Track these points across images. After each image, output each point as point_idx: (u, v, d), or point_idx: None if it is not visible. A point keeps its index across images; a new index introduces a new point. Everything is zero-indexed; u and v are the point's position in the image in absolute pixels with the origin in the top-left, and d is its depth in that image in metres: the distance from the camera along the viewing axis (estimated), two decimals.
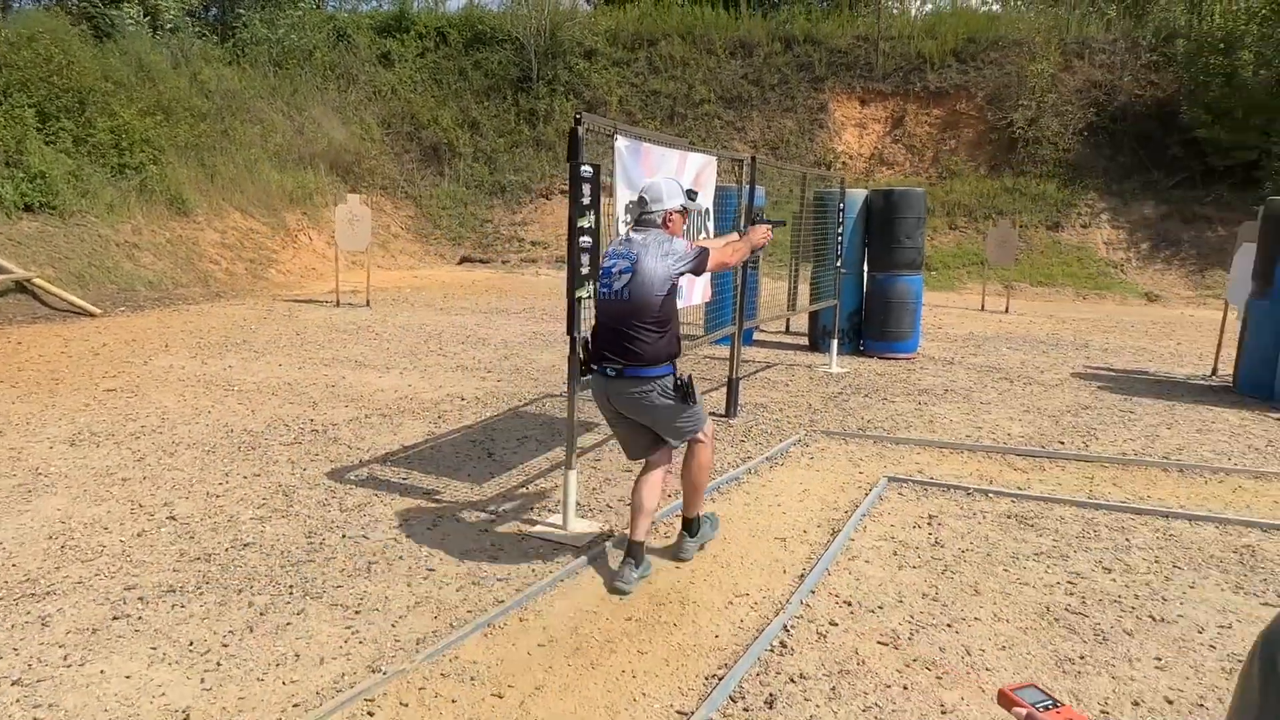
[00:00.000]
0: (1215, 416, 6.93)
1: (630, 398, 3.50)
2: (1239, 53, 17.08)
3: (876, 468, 5.27)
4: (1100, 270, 17.54)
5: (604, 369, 3.51)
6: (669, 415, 3.54)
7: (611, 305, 3.48)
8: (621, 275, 3.46)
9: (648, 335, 3.43)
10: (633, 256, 3.47)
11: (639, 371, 3.44)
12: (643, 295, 3.42)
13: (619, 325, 3.45)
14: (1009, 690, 1.17)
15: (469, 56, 22.99)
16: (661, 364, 3.48)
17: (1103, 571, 3.85)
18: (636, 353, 3.43)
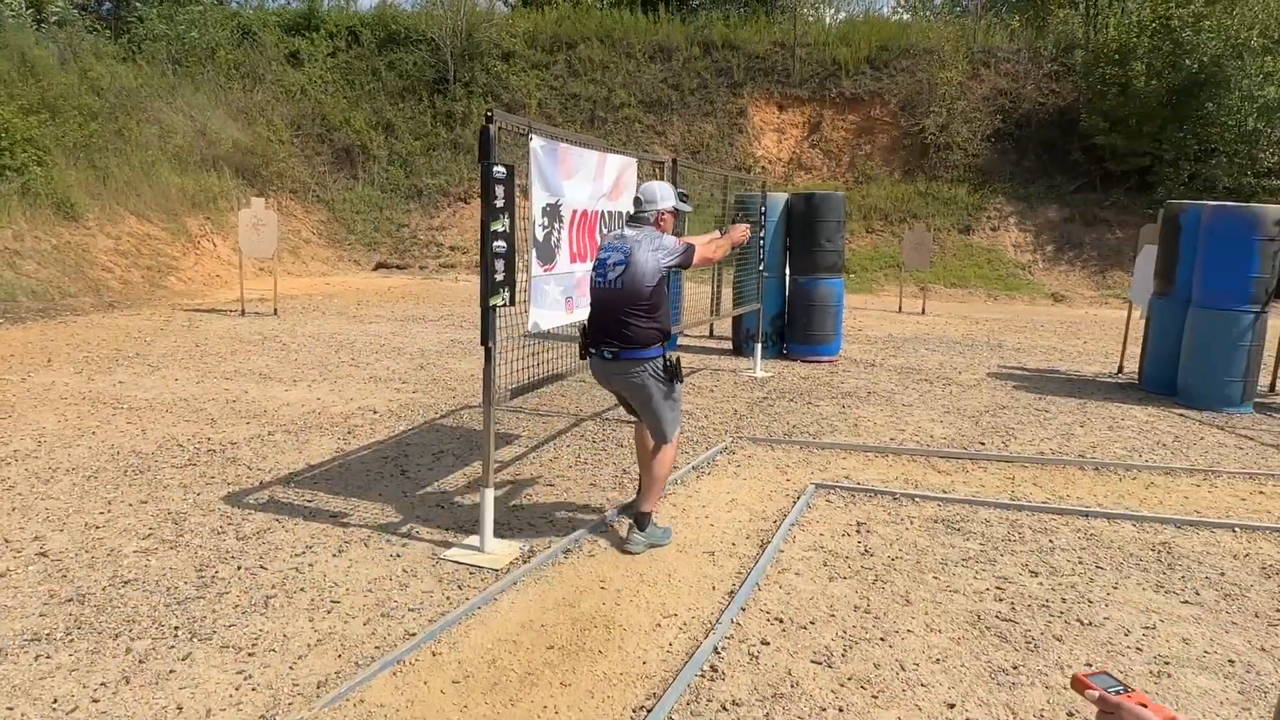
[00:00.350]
0: (1124, 413, 7.13)
1: (625, 379, 3.85)
2: (1132, 64, 17.88)
3: (803, 474, 5.19)
4: (1009, 271, 18.12)
5: (602, 352, 3.85)
6: (656, 403, 3.86)
7: (607, 293, 3.81)
8: (616, 267, 3.79)
9: (640, 321, 3.77)
10: (626, 250, 3.80)
11: (634, 354, 3.79)
12: (635, 285, 3.75)
13: (614, 312, 3.78)
14: (1082, 676, 1.23)
15: (382, 57, 22.35)
16: (653, 345, 3.82)
17: (1029, 575, 3.83)
18: (630, 336, 3.77)
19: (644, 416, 3.95)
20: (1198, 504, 4.91)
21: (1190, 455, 5.92)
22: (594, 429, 6.08)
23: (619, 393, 4.03)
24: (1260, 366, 7.41)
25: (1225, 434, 6.56)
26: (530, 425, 6.14)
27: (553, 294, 4.29)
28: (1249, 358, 7.20)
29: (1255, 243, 7.06)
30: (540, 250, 4.10)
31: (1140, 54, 17.92)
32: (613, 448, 5.61)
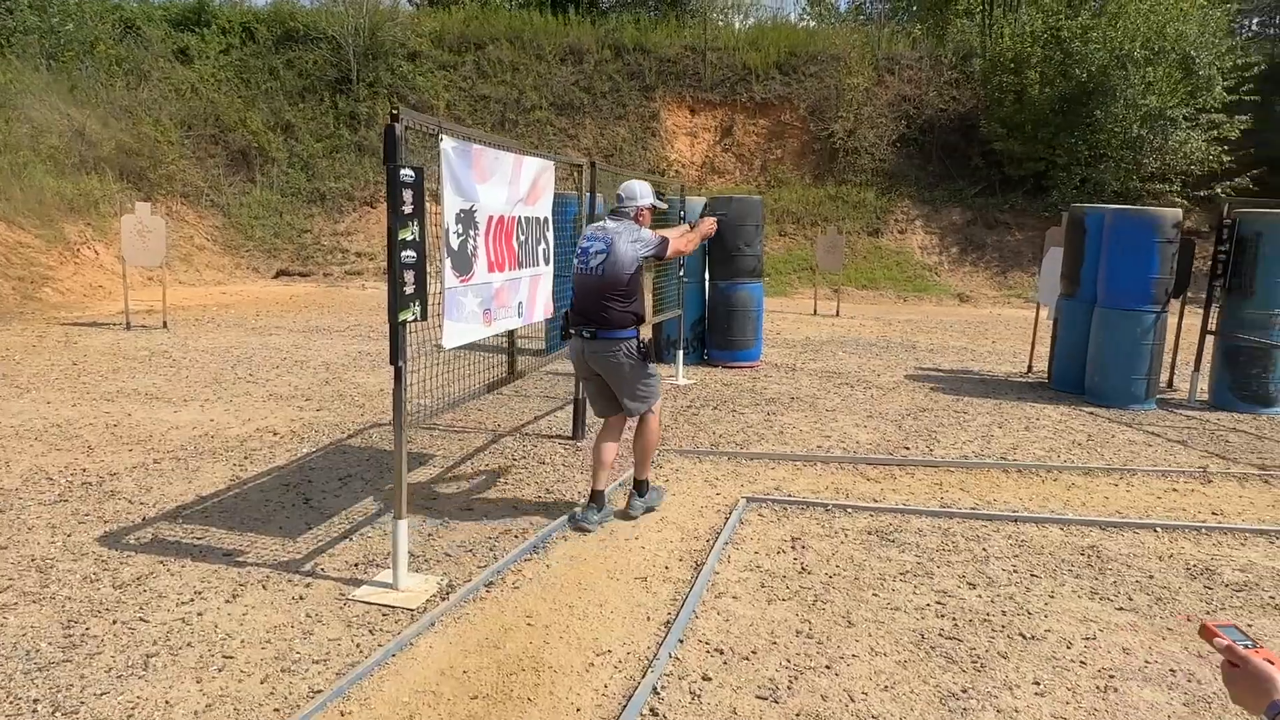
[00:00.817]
0: (1038, 413, 7.26)
1: (602, 357, 4.20)
2: (1026, 72, 18.61)
3: (733, 487, 5.03)
4: (917, 273, 18.58)
5: (581, 332, 4.22)
6: (631, 379, 4.22)
7: (588, 280, 4.19)
8: (597, 255, 4.18)
9: (617, 304, 4.14)
10: (608, 240, 4.19)
11: (611, 334, 4.15)
12: (614, 272, 4.14)
13: (594, 296, 4.16)
14: (1211, 625, 1.30)
15: (280, 55, 21.38)
16: (628, 328, 4.18)
17: (968, 587, 3.76)
18: (607, 319, 4.14)
19: (619, 393, 4.29)
20: (1118, 504, 4.97)
21: (1105, 454, 6.04)
22: (514, 446, 5.79)
23: (595, 373, 4.31)
24: (1161, 364, 7.66)
25: (1134, 431, 6.73)
26: (445, 444, 5.80)
27: (469, 306, 4.00)
28: (1152, 356, 7.44)
29: (1155, 245, 7.30)
30: (455, 260, 3.80)
31: (1034, 63, 18.66)
32: (534, 465, 5.34)
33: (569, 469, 5.28)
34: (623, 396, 4.29)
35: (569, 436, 5.96)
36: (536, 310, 4.93)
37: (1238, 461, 5.95)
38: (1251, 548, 4.34)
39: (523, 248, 4.60)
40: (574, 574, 3.76)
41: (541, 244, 4.97)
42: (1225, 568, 4.06)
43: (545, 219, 5.01)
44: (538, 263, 4.88)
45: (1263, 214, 7.45)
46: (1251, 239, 7.41)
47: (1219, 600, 3.70)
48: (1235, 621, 1.54)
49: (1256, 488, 5.37)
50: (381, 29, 21.21)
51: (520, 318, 4.66)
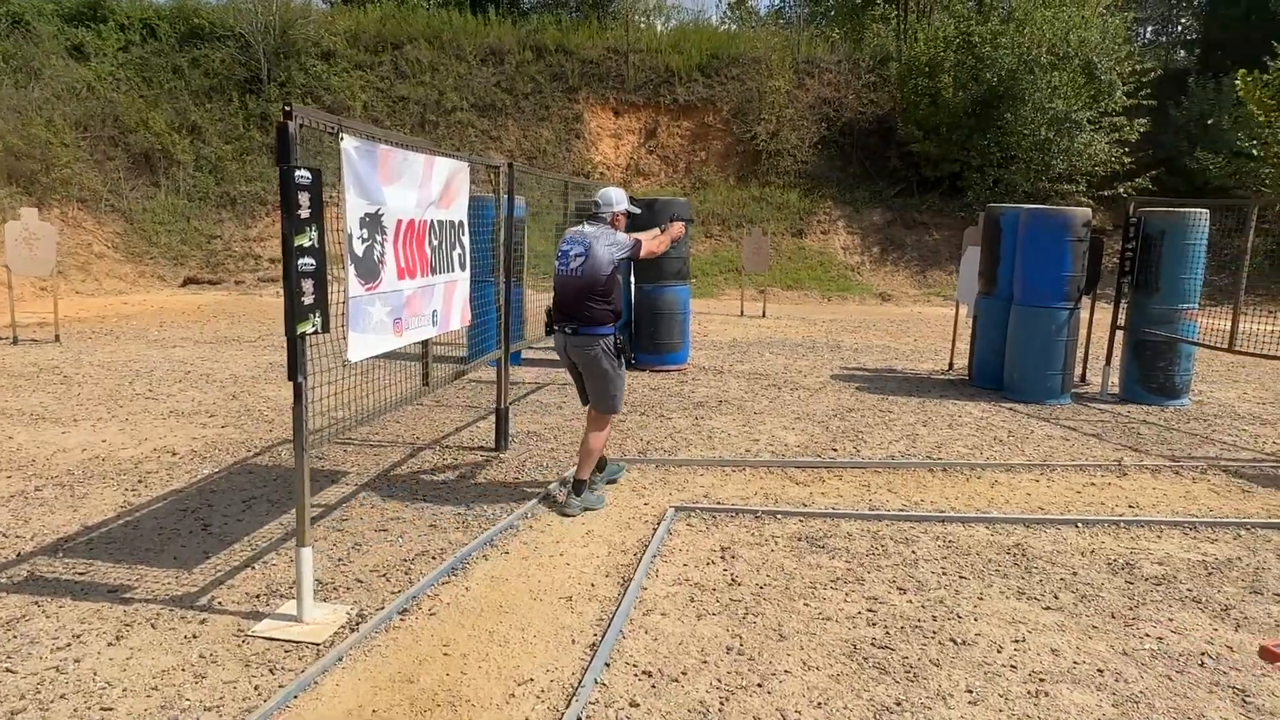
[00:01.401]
0: (960, 410, 7.36)
1: (580, 351, 4.48)
2: (940, 76, 19.09)
3: (662, 496, 4.91)
4: (840, 273, 18.86)
5: (563, 328, 4.50)
6: (603, 379, 4.50)
7: (568, 280, 4.44)
8: (576, 258, 4.43)
9: (595, 303, 4.40)
10: (586, 243, 4.44)
11: (590, 330, 4.42)
12: (593, 273, 4.39)
13: (574, 295, 4.41)
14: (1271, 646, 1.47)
15: (184, 53, 20.45)
16: (605, 324, 4.45)
17: (898, 592, 3.71)
18: (587, 316, 4.40)
19: (592, 388, 4.56)
20: (1040, 500, 5.03)
21: (1025, 450, 6.13)
22: (434, 459, 5.54)
23: (575, 365, 4.58)
24: (1075, 359, 7.86)
25: (1051, 426, 6.87)
26: (360, 459, 5.52)
27: (378, 316, 3.77)
28: (1066, 351, 7.63)
29: (1067, 243, 7.48)
30: (360, 266, 3.57)
31: (947, 67, 19.15)
32: (454, 480, 5.11)
33: (490, 482, 5.07)
34: (592, 395, 4.58)
35: (491, 448, 5.75)
36: (453, 318, 4.71)
37: (1149, 454, 6.12)
38: (1168, 540, 4.42)
39: (436, 253, 4.39)
40: (495, 596, 3.57)
41: (457, 249, 4.76)
42: (1144, 561, 4.12)
43: (460, 223, 4.80)
44: (453, 268, 4.67)
45: (1166, 213, 7.71)
46: (1156, 237, 7.67)
47: (1140, 595, 3.74)
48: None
49: (1168, 479, 5.52)
50: (293, 27, 20.50)
51: (435, 326, 4.45)
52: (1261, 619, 3.53)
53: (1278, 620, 3.52)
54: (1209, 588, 3.83)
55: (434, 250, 4.36)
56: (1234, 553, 4.26)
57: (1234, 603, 3.68)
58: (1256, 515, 4.83)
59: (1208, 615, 3.56)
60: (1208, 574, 3.99)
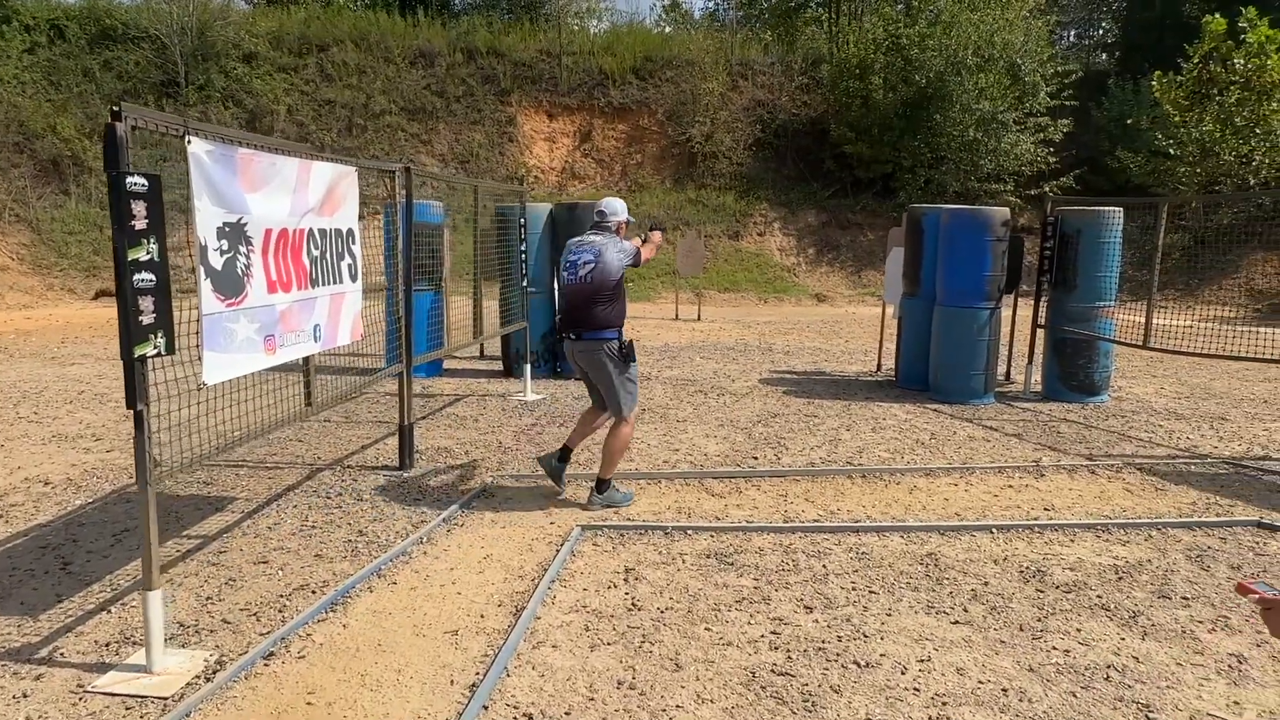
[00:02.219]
0: (885, 413, 7.30)
1: (587, 355, 4.61)
2: (871, 78, 19.27)
3: (570, 514, 4.70)
4: (776, 275, 18.89)
5: (569, 334, 4.63)
6: (614, 380, 4.61)
7: (579, 288, 4.57)
8: (586, 265, 4.55)
9: (601, 308, 4.54)
10: (596, 251, 4.58)
11: (596, 335, 4.56)
12: (602, 279, 4.54)
13: (583, 302, 4.55)
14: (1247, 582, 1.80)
15: (95, 55, 19.63)
16: (610, 328, 4.59)
17: (804, 611, 3.55)
18: (592, 321, 4.55)
19: (604, 393, 4.68)
20: (957, 505, 4.94)
21: (946, 452, 6.07)
22: (332, 481, 5.24)
23: (585, 370, 4.71)
24: (998, 358, 7.88)
25: (974, 427, 6.84)
26: (251, 483, 5.19)
27: (243, 333, 3.48)
28: (988, 351, 7.63)
29: (987, 243, 7.48)
30: (219, 281, 3.29)
31: (877, 69, 19.33)
32: (350, 503, 4.82)
33: (389, 504, 4.80)
34: (607, 398, 4.68)
35: (395, 467, 5.47)
36: (340, 333, 4.43)
37: (1068, 453, 6.11)
38: (1080, 544, 4.36)
39: (317, 264, 4.11)
40: (374, 633, 3.31)
41: (345, 259, 4.48)
42: (1056, 567, 4.04)
43: (350, 231, 4.52)
44: (340, 280, 4.39)
45: (1082, 211, 7.78)
46: (1073, 235, 7.72)
47: (1050, 604, 3.64)
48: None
49: (1085, 479, 5.49)
50: (211, 29, 19.80)
51: (318, 342, 4.17)
52: (1168, 625, 3.46)
53: (1184, 626, 3.45)
54: (1118, 593, 3.76)
55: (315, 261, 4.08)
56: (1145, 555, 4.21)
57: (1142, 609, 3.61)
58: (1168, 514, 4.82)
59: (1116, 624, 3.48)
60: (1118, 579, 3.92)
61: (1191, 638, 3.36)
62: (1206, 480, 5.49)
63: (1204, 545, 4.35)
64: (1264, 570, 4.04)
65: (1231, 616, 3.55)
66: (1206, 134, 17.37)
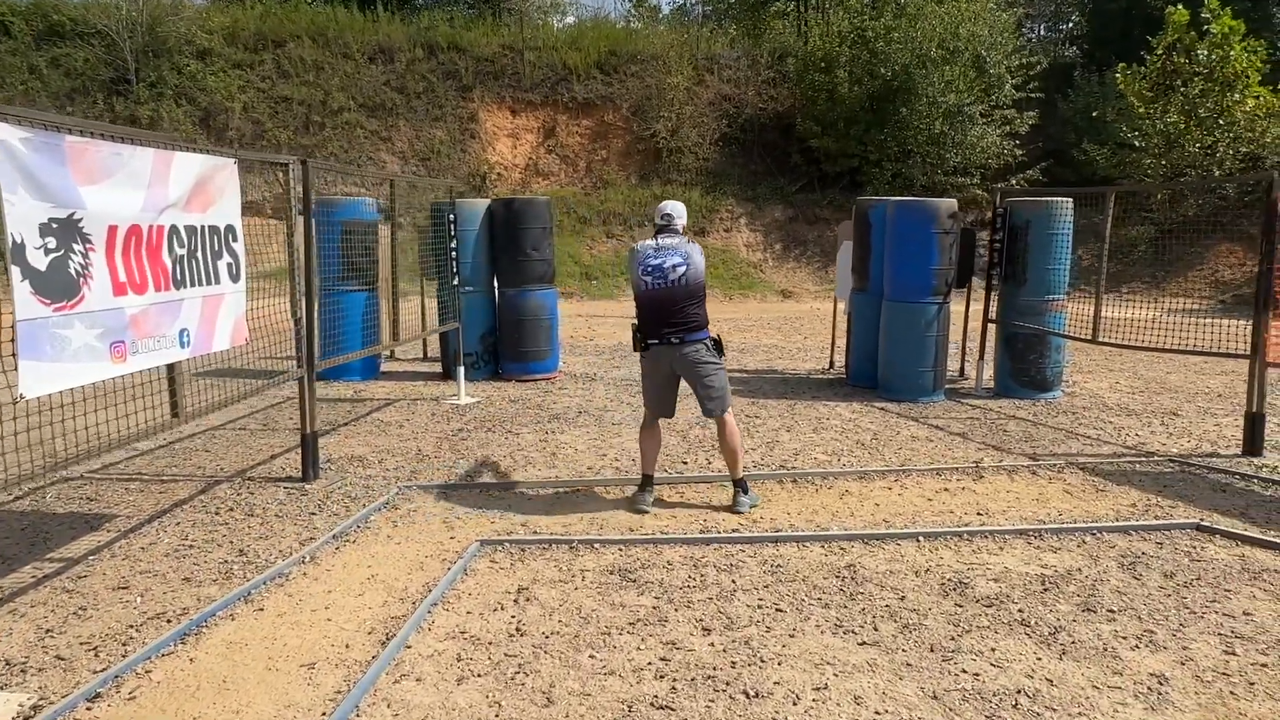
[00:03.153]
0: (830, 412, 7.05)
1: (691, 356, 4.58)
2: (836, 71, 19.06)
3: (475, 528, 4.41)
4: (743, 271, 18.66)
5: (668, 339, 4.55)
6: (715, 377, 4.64)
7: (673, 291, 4.52)
8: (677, 269, 4.53)
9: (696, 309, 4.59)
10: (684, 253, 4.57)
11: (696, 335, 4.58)
12: (695, 281, 4.58)
13: (678, 305, 4.53)
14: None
15: (42, 52, 19.10)
16: (705, 328, 4.66)
17: (701, 634, 3.28)
18: (694, 323, 4.58)
19: (705, 391, 4.66)
20: (887, 511, 4.70)
21: (885, 454, 5.83)
22: (226, 495, 4.91)
23: (673, 376, 4.71)
24: (947, 355, 7.65)
25: (919, 425, 6.61)
26: (141, 497, 4.86)
27: (80, 339, 3.17)
28: (936, 347, 7.40)
29: (933, 235, 7.25)
30: (42, 283, 2.97)
31: (843, 63, 19.12)
32: (239, 519, 4.51)
33: (281, 520, 4.48)
34: (706, 398, 4.67)
35: (299, 479, 5.15)
36: (217, 337, 4.12)
37: (1011, 452, 5.89)
38: (1009, 552, 4.12)
39: (183, 264, 3.80)
40: (223, 668, 3.01)
41: (225, 259, 4.17)
42: (980, 579, 3.80)
43: (229, 228, 4.21)
44: (215, 280, 4.08)
45: (1031, 203, 7.57)
46: (1022, 227, 7.50)
47: (967, 621, 3.39)
48: None
49: (1024, 480, 5.27)
50: (162, 24, 19.32)
51: (186, 348, 3.86)
52: (1090, 642, 3.22)
53: (1107, 642, 3.21)
54: (1041, 606, 3.52)
55: (180, 261, 3.77)
56: (1075, 563, 3.97)
57: (1065, 624, 3.37)
58: (1105, 517, 4.59)
59: (1034, 641, 3.23)
60: (1043, 590, 3.68)
61: (1113, 656, 3.12)
62: (1150, 480, 5.27)
63: (1139, 551, 4.12)
64: (1198, 578, 3.81)
65: (1158, 631, 3.31)
66: (1171, 125, 17.30)
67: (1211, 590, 3.68)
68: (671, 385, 4.81)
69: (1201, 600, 3.59)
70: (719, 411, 4.69)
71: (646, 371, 4.81)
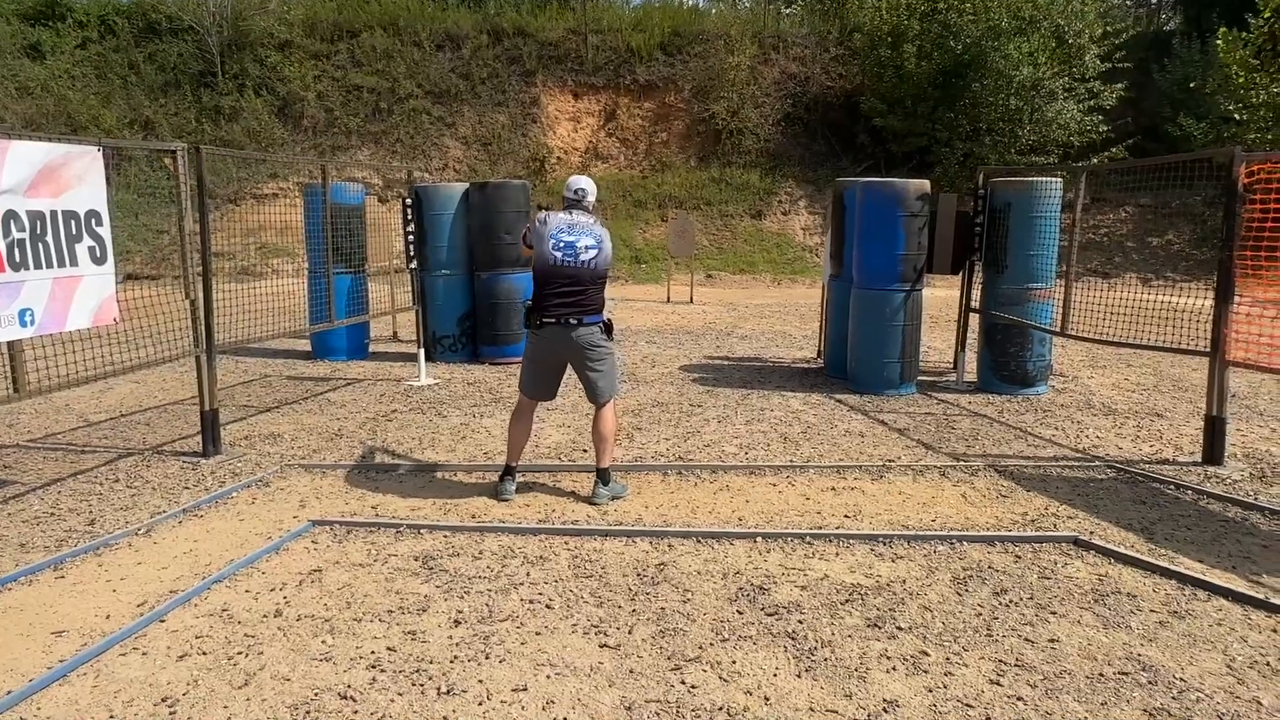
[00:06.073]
0: (779, 404, 6.78)
1: (584, 339, 4.47)
2: (904, 46, 18.15)
3: (325, 508, 4.47)
4: (796, 255, 18.15)
5: (566, 319, 4.43)
6: (607, 362, 4.55)
7: (579, 272, 4.44)
8: (588, 250, 4.46)
9: (597, 293, 4.52)
10: (598, 236, 4.51)
11: (593, 319, 4.49)
12: (604, 265, 4.52)
13: (581, 287, 4.44)
14: None
15: (141, 49, 20.49)
16: (601, 312, 4.56)
17: (450, 625, 3.22)
18: (593, 306, 4.49)
19: (593, 377, 4.55)
20: (761, 508, 4.47)
21: (803, 449, 5.55)
22: (125, 467, 5.17)
23: (559, 360, 4.59)
24: (918, 346, 7.20)
25: (864, 420, 6.26)
26: (50, 465, 5.18)
27: None
28: (904, 337, 6.97)
29: (899, 219, 6.82)
30: None
31: (910, 37, 18.20)
32: (118, 490, 4.73)
33: (154, 493, 4.68)
34: (594, 384, 4.55)
35: (199, 453, 5.36)
36: (73, 317, 4.32)
37: (937, 451, 5.49)
38: (845, 558, 3.85)
39: (23, 247, 4.00)
40: None
41: (85, 242, 4.37)
42: (787, 585, 3.56)
43: (92, 212, 4.40)
44: (72, 263, 4.28)
45: (1014, 183, 7.00)
46: (1003, 210, 6.96)
47: (734, 628, 3.19)
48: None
49: (927, 482, 4.90)
50: (246, 18, 20.35)
51: (29, 327, 4.07)
52: (848, 660, 2.97)
53: (864, 662, 2.96)
54: (826, 620, 3.27)
55: (19, 244, 3.97)
56: (905, 574, 3.67)
57: (835, 639, 3.12)
58: (985, 526, 4.22)
59: (788, 656, 3.01)
60: (844, 602, 3.42)
61: (859, 678, 2.87)
62: (1069, 487, 4.81)
63: (988, 564, 3.77)
64: (1030, 597, 3.45)
65: (932, 654, 3.02)
66: (1278, 96, 15.62)
67: (1033, 612, 3.33)
68: (559, 369, 4.67)
69: (1013, 622, 3.25)
70: (605, 397, 4.57)
71: (533, 353, 4.60)
